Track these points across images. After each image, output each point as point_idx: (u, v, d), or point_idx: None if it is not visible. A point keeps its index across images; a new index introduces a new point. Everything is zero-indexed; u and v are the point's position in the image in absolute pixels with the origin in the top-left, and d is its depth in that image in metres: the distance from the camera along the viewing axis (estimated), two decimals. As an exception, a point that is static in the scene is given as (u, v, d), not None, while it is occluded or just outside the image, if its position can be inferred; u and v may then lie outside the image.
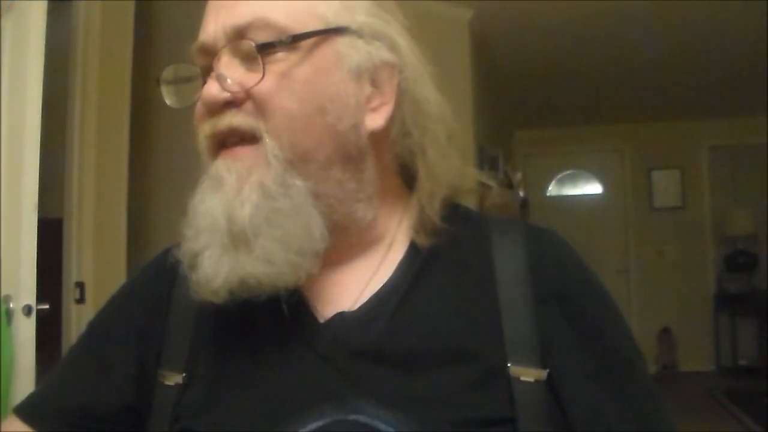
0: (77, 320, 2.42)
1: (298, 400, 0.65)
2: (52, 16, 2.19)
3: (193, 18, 0.76)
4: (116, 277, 2.58)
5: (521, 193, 5.14)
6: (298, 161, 0.65)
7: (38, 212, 2.07)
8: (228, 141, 0.66)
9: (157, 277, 0.79)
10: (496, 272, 0.69)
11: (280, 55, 0.65)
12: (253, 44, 0.65)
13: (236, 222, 0.63)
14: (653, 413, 0.69)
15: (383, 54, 0.68)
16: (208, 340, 0.72)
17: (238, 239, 0.63)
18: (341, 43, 0.67)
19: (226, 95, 0.65)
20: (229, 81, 0.65)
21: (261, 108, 0.65)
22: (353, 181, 0.68)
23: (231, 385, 0.69)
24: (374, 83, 0.69)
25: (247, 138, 0.65)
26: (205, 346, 0.72)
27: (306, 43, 0.66)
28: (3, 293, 2.00)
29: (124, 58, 2.66)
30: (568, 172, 7.27)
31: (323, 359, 0.67)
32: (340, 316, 0.68)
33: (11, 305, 2.01)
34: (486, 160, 4.22)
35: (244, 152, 0.65)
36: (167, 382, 0.72)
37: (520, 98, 5.74)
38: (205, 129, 0.67)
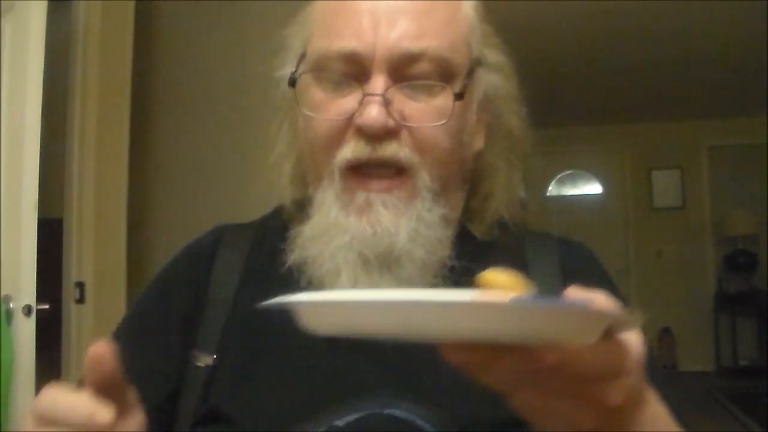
0: (77, 320, 2.43)
1: (335, 391, 0.65)
2: (52, 16, 2.19)
3: (193, 18, 0.76)
4: (116, 277, 2.58)
5: (521, 194, 5.13)
6: (440, 190, 0.68)
7: (38, 212, 2.07)
8: (372, 165, 0.67)
9: (196, 261, 0.79)
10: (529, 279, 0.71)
11: (440, 89, 0.67)
12: (445, 78, 0.66)
13: (392, 244, 0.66)
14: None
15: (495, 84, 0.73)
16: (244, 325, 0.73)
17: (386, 261, 0.66)
18: (478, 73, 0.71)
19: (392, 124, 0.65)
20: (394, 108, 0.65)
21: (420, 143, 0.67)
22: (462, 200, 0.74)
23: (267, 371, 0.69)
24: (479, 110, 0.73)
25: (397, 168, 0.67)
26: (241, 330, 0.73)
27: (464, 80, 0.68)
28: (3, 293, 2.01)
29: (124, 58, 2.66)
30: (568, 172, 7.27)
31: (364, 351, 0.67)
32: None
33: (11, 305, 2.01)
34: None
35: (395, 185, 0.67)
36: (198, 363, 0.72)
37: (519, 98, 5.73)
38: (359, 151, 0.66)
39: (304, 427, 0.64)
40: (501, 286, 0.45)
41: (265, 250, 0.75)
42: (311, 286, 0.69)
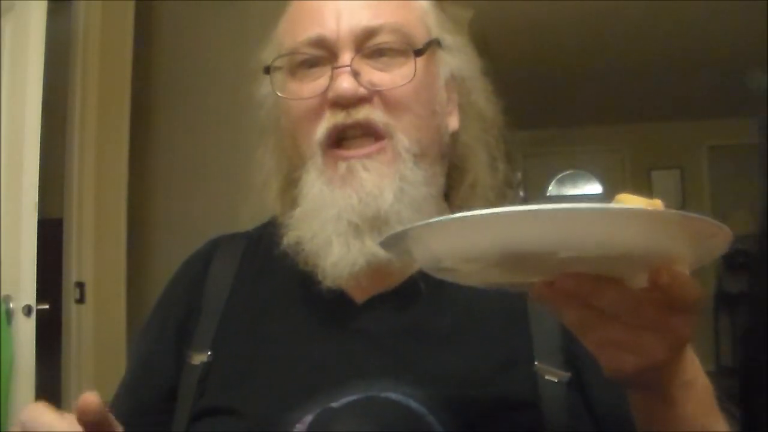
0: (77, 320, 2.43)
1: (332, 376, 0.67)
2: (52, 16, 2.19)
3: (193, 18, 0.77)
4: (116, 277, 2.58)
5: (521, 193, 5.14)
6: (420, 156, 0.71)
7: (38, 212, 2.08)
8: (350, 134, 0.70)
9: (192, 271, 0.82)
10: None
11: (403, 59, 0.71)
12: (405, 47, 0.71)
13: (378, 208, 0.68)
14: None
15: (458, 64, 0.77)
16: (238, 321, 0.75)
17: (375, 224, 0.68)
18: (439, 53, 0.76)
19: (363, 91, 0.69)
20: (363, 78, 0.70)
21: (392, 106, 0.70)
22: (441, 177, 0.75)
23: (262, 361, 0.71)
24: (448, 90, 0.77)
25: (374, 133, 0.70)
26: (235, 326, 0.75)
27: (427, 51, 0.73)
28: (3, 293, 2.01)
29: (124, 58, 2.66)
30: (568, 172, 7.27)
31: (360, 337, 0.70)
32: (379, 297, 0.72)
33: (11, 305, 2.01)
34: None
35: (374, 148, 0.70)
36: (193, 362, 0.74)
37: (519, 98, 5.74)
38: (335, 119, 0.70)
39: (301, 410, 0.65)
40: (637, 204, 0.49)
41: (259, 254, 0.78)
42: (306, 265, 0.71)
